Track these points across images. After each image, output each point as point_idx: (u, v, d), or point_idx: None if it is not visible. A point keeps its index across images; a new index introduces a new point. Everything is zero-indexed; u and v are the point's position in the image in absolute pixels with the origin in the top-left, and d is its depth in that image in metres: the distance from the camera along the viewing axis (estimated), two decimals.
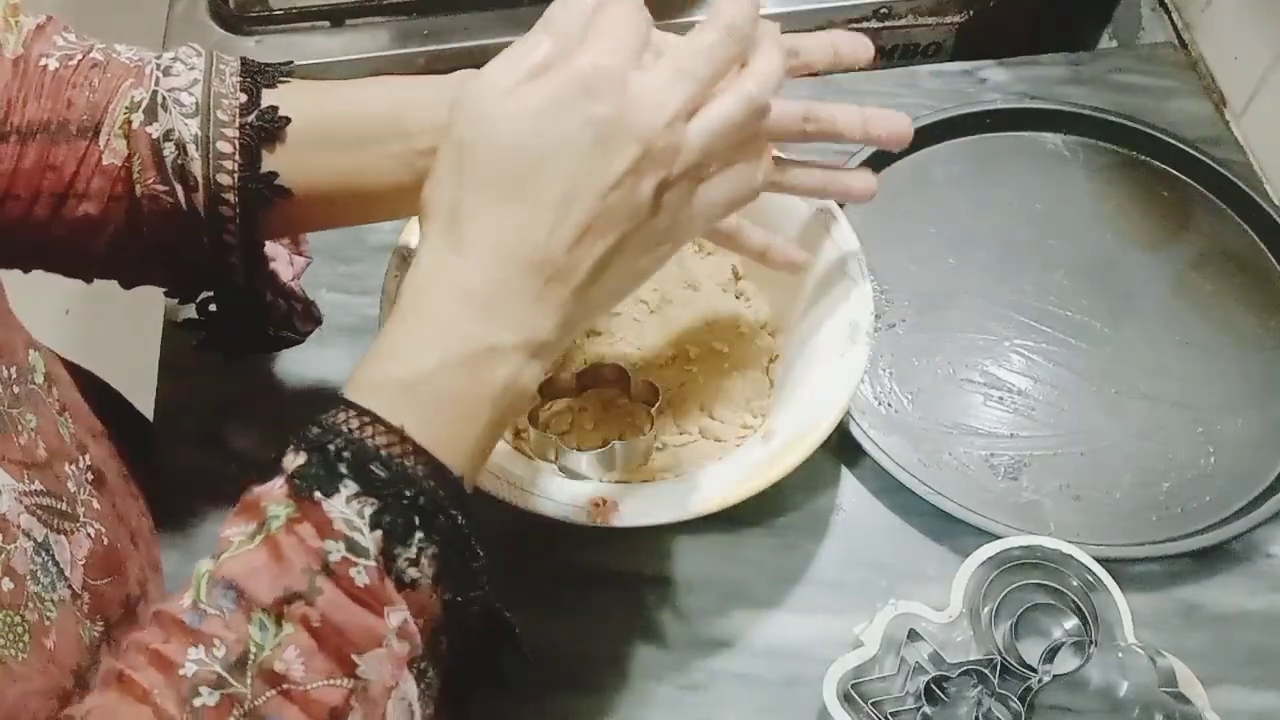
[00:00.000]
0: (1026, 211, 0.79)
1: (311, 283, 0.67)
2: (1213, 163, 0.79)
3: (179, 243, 0.53)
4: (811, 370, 0.61)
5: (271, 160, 0.53)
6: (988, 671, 0.55)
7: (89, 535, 0.50)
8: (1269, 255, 0.77)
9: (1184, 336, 0.73)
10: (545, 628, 0.62)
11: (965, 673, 0.55)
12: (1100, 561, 0.58)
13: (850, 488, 0.68)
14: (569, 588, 0.64)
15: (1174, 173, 0.80)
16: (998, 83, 0.86)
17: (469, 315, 0.41)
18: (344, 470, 0.38)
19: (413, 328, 0.42)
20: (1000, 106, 0.82)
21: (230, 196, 0.52)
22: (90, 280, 0.57)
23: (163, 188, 0.51)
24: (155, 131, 0.51)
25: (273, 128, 0.52)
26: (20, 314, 0.52)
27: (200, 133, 0.51)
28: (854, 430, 0.67)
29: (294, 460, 0.39)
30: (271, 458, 0.40)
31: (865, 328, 0.60)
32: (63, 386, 0.56)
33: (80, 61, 0.52)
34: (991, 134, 0.83)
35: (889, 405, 0.70)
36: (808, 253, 0.64)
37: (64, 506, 0.49)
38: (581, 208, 0.41)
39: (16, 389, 0.49)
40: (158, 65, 0.53)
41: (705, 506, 0.56)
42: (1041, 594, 0.58)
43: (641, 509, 0.56)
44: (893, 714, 0.55)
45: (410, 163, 0.52)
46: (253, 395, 0.71)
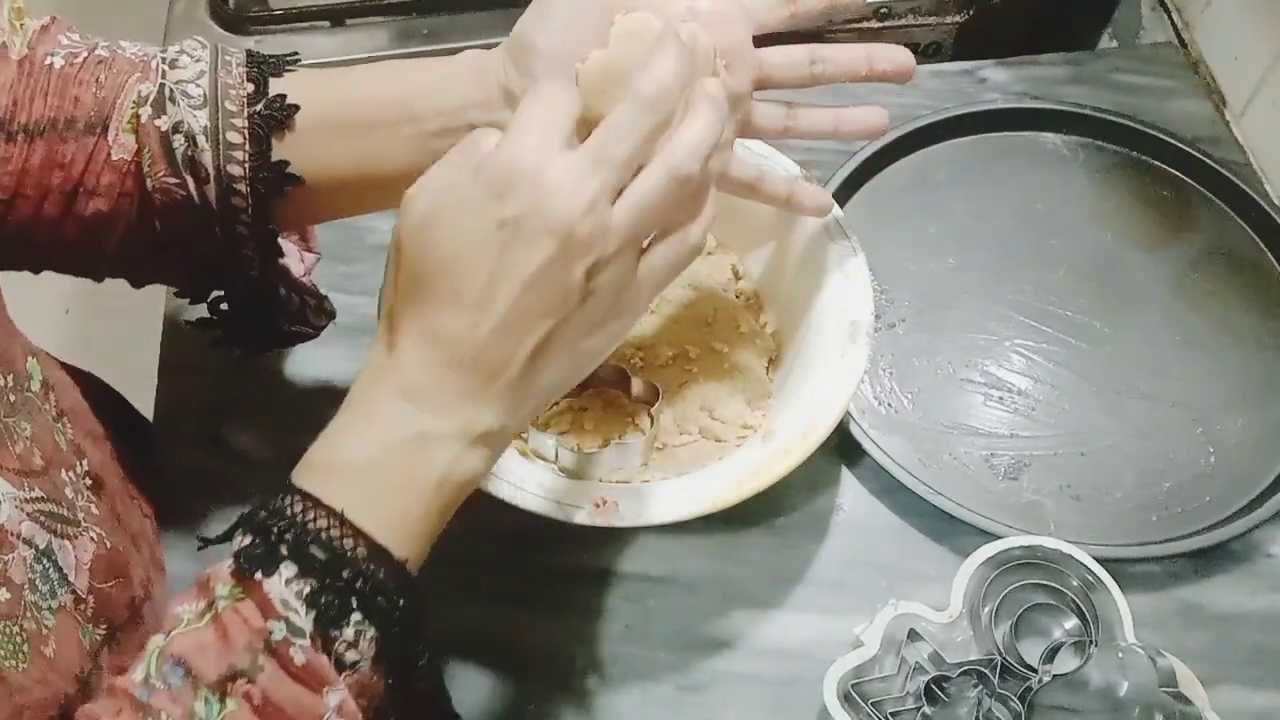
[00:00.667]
0: (1026, 211, 0.79)
1: None
2: (1213, 163, 0.79)
3: (191, 236, 0.53)
4: (812, 370, 0.61)
5: (282, 148, 0.52)
6: (988, 671, 0.55)
7: (92, 539, 0.50)
8: (1269, 255, 0.77)
9: (1184, 336, 0.73)
10: (545, 628, 0.63)
11: (965, 673, 0.55)
12: (1100, 561, 0.58)
13: (850, 488, 0.68)
14: (569, 588, 0.64)
15: (1174, 173, 0.80)
16: (998, 83, 0.86)
17: (405, 409, 0.42)
18: (284, 552, 0.40)
19: (356, 418, 0.43)
20: (1000, 106, 0.82)
21: (242, 187, 0.52)
22: (101, 279, 0.57)
23: (174, 180, 0.51)
24: (164, 124, 0.51)
25: (281, 116, 0.52)
26: (20, 314, 0.52)
27: (209, 124, 0.51)
28: (854, 430, 0.67)
29: (240, 541, 0.41)
30: (222, 536, 0.42)
31: (865, 328, 0.60)
32: (61, 392, 0.56)
33: (86, 59, 0.52)
34: (991, 134, 0.83)
35: (889, 405, 0.70)
36: (807, 253, 0.64)
37: (65, 512, 0.49)
38: (502, 306, 0.41)
39: (12, 397, 0.49)
40: (163, 59, 0.53)
41: (705, 506, 0.56)
42: (1041, 594, 0.58)
43: (641, 509, 0.56)
44: (893, 714, 0.55)
45: (423, 145, 0.51)
46: (253, 395, 0.71)
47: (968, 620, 0.57)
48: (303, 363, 0.72)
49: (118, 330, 1.21)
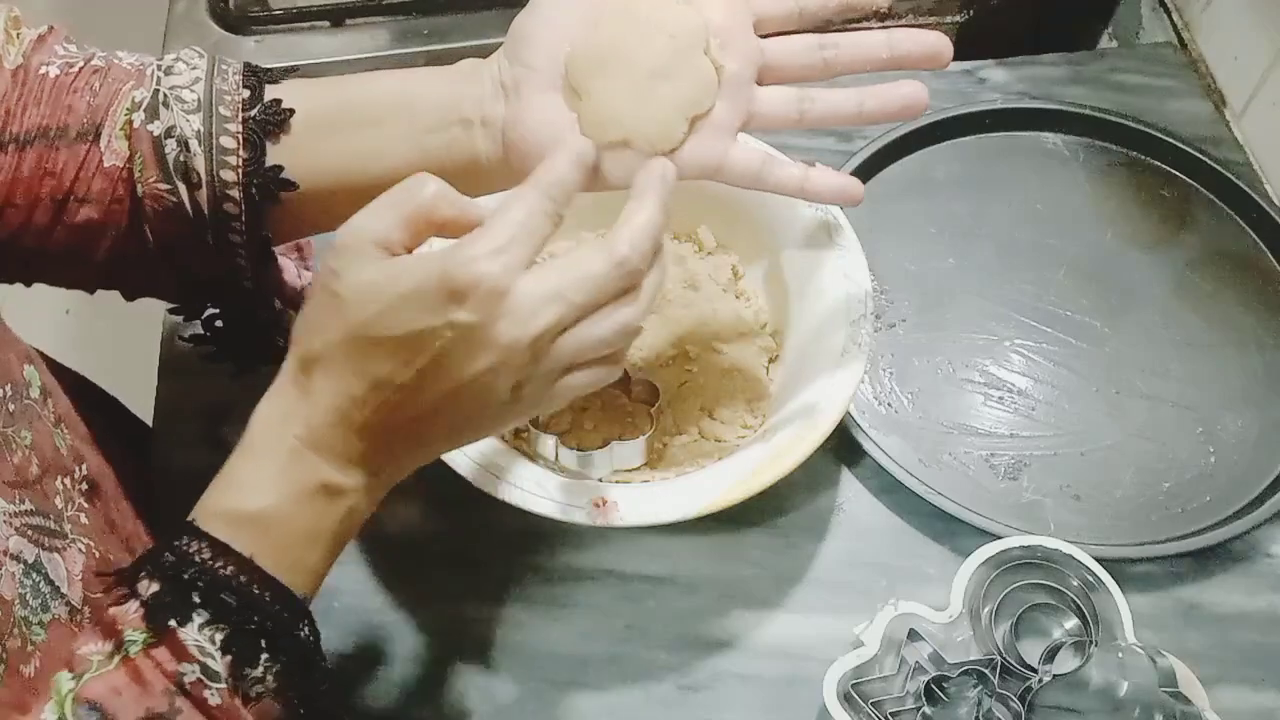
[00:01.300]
0: (1026, 211, 0.79)
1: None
2: (1213, 163, 0.79)
3: (183, 245, 0.53)
4: (811, 370, 0.61)
5: (277, 153, 0.52)
6: (988, 671, 0.55)
7: (80, 550, 0.50)
8: (1269, 255, 0.77)
9: (1184, 336, 0.73)
10: (545, 628, 0.63)
11: (965, 673, 0.55)
12: (1100, 561, 0.58)
13: (850, 488, 0.68)
14: (569, 588, 0.64)
15: (1174, 173, 0.80)
16: (998, 83, 0.86)
17: (310, 457, 0.43)
18: (196, 599, 0.41)
19: (260, 462, 0.44)
20: (1000, 106, 0.82)
21: (235, 193, 0.52)
22: (92, 291, 0.57)
23: (165, 186, 0.51)
24: (157, 129, 0.51)
25: (277, 120, 0.52)
26: (20, 314, 0.52)
27: (202, 128, 0.51)
28: (854, 430, 0.67)
29: (149, 587, 0.41)
30: (120, 574, 0.42)
31: (865, 328, 0.60)
32: (57, 397, 0.55)
33: (82, 68, 0.52)
34: (991, 134, 0.83)
35: (889, 405, 0.70)
36: (807, 253, 0.64)
37: (52, 524, 0.49)
38: (430, 395, 0.42)
39: (11, 406, 0.48)
40: (159, 67, 0.53)
41: (705, 506, 0.56)
42: (1041, 594, 0.58)
43: (641, 509, 0.56)
44: (893, 714, 0.55)
45: (417, 142, 0.51)
46: (253, 396, 0.70)
47: (968, 620, 0.57)
48: None
49: (118, 330, 1.21)
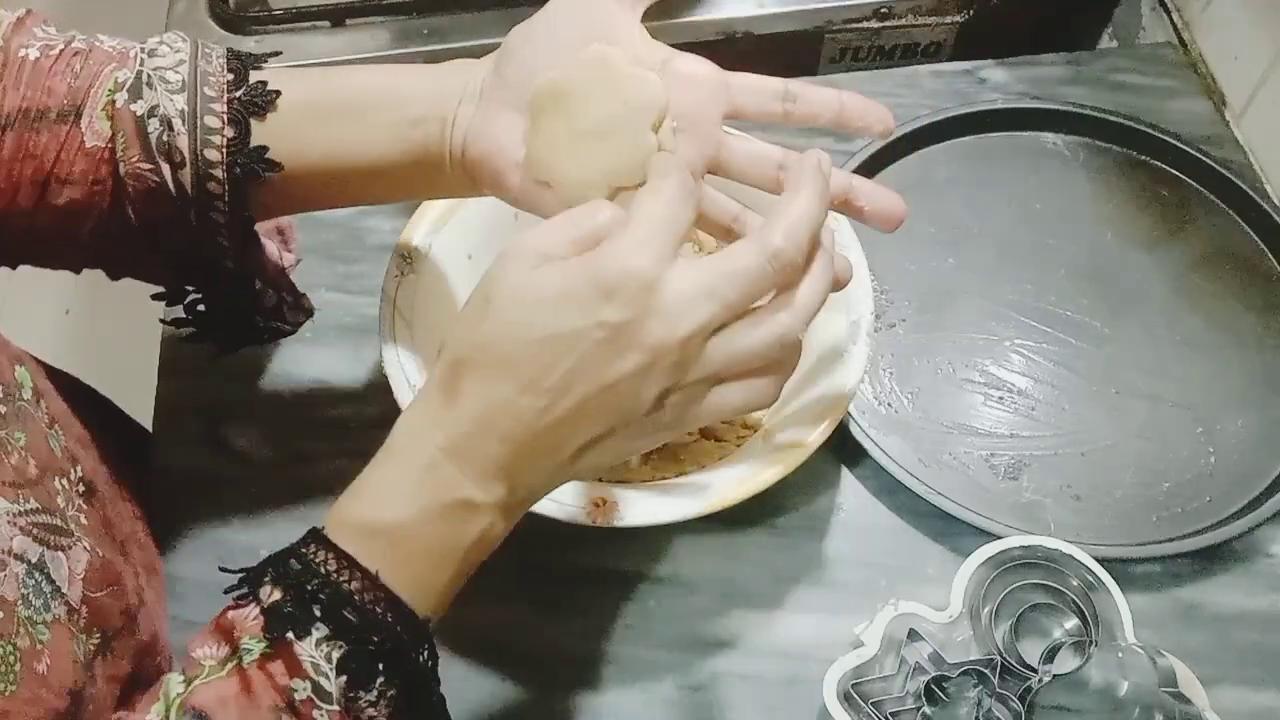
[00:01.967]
0: (1026, 211, 0.79)
1: (310, 282, 0.68)
2: (1213, 163, 0.79)
3: (166, 224, 0.53)
4: (811, 370, 0.61)
5: (262, 133, 0.52)
6: (988, 671, 0.55)
7: (85, 549, 0.50)
8: (1269, 255, 0.77)
9: (1184, 336, 0.73)
10: (545, 628, 0.63)
11: (965, 673, 0.55)
12: (1100, 561, 0.58)
13: (850, 488, 0.68)
14: (569, 588, 0.64)
15: (1174, 173, 0.80)
16: (998, 83, 0.86)
17: (449, 469, 0.42)
18: (317, 613, 0.40)
19: (397, 472, 0.43)
20: (1000, 106, 0.82)
21: (218, 172, 0.52)
22: (79, 270, 0.57)
23: (147, 165, 0.51)
24: (140, 109, 0.51)
25: (263, 101, 0.52)
26: (20, 314, 0.52)
27: (186, 108, 0.51)
28: (854, 430, 0.67)
29: (270, 594, 0.41)
30: (247, 576, 0.42)
31: (865, 327, 0.60)
32: (51, 398, 0.55)
33: (62, 51, 0.52)
34: (991, 134, 0.83)
35: (889, 405, 0.70)
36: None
37: (58, 522, 0.49)
38: (576, 399, 0.42)
39: (4, 408, 0.48)
40: (143, 49, 0.53)
41: (705, 506, 0.56)
42: (1041, 594, 0.58)
43: (641, 509, 0.56)
44: (893, 714, 0.55)
45: (401, 133, 0.51)
46: (252, 395, 0.71)
47: (968, 620, 0.57)
48: (302, 363, 0.72)
49: (118, 330, 1.21)
